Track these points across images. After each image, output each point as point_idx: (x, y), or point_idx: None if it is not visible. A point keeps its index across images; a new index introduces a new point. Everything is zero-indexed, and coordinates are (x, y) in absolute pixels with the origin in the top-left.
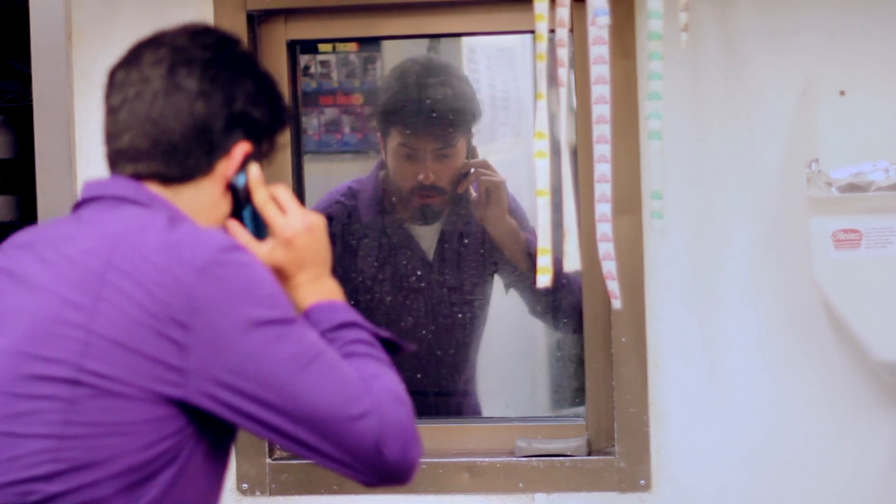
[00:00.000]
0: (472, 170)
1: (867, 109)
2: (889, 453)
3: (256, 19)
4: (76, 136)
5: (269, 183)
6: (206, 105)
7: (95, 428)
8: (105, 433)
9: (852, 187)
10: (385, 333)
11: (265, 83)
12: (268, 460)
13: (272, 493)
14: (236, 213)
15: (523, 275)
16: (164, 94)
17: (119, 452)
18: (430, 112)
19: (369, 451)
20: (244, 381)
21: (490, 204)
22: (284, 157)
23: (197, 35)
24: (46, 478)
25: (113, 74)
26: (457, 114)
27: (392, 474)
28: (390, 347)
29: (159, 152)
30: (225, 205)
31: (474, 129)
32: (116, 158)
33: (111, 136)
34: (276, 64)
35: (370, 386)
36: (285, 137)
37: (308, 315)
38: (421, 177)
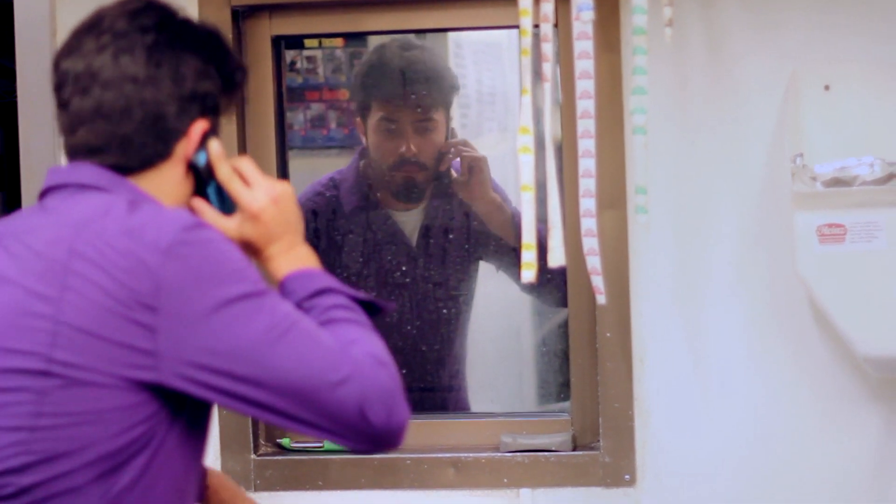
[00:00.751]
0: (454, 147)
1: (852, 104)
2: (874, 448)
3: (241, 15)
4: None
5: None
6: (155, 92)
7: (67, 418)
8: (77, 423)
9: (837, 182)
10: (363, 295)
11: (211, 50)
12: (252, 456)
13: (257, 488)
14: (200, 191)
15: (512, 255)
16: (112, 85)
17: (92, 441)
18: (409, 83)
19: (354, 417)
20: (218, 358)
21: (473, 179)
22: (269, 152)
23: (136, 15)
24: (19, 470)
25: (57, 65)
26: (435, 84)
27: (379, 438)
28: (371, 310)
29: (115, 146)
30: (188, 184)
31: (453, 101)
32: (74, 152)
33: (65, 130)
34: (261, 60)
35: (350, 351)
36: (254, 110)
37: (283, 285)
38: (403, 149)
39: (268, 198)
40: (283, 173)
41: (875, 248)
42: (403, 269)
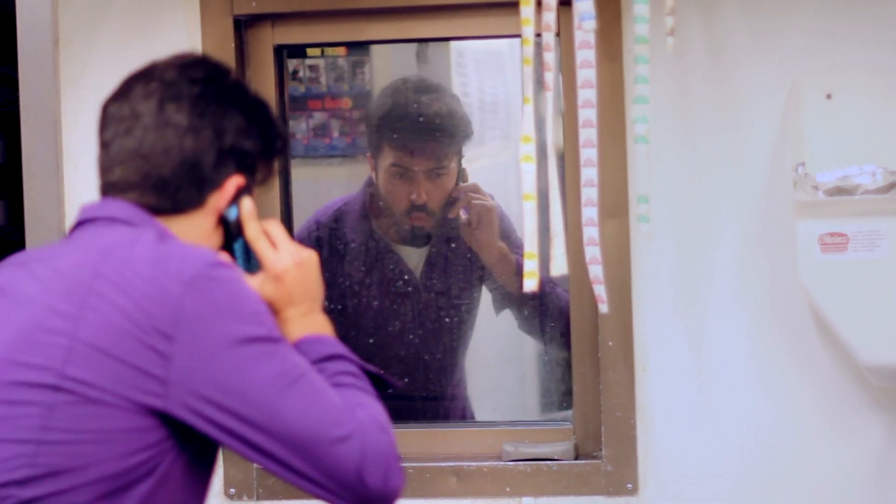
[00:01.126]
0: (464, 194)
1: (854, 113)
2: (876, 456)
3: (243, 24)
4: (63, 142)
5: (261, 214)
6: (195, 140)
7: (74, 434)
8: (83, 440)
9: (839, 191)
10: (373, 369)
11: (256, 113)
12: (255, 465)
13: (259, 497)
14: (227, 246)
15: (513, 298)
16: (154, 129)
17: (96, 460)
18: (424, 131)
19: (350, 476)
20: (226, 396)
21: (481, 228)
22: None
23: (186, 68)
24: (22, 483)
25: (105, 108)
26: (450, 132)
27: (372, 501)
28: (379, 384)
29: (149, 186)
30: (216, 237)
31: (465, 149)
32: (108, 190)
33: (103, 168)
34: (263, 69)
35: (354, 412)
36: (281, 163)
37: (296, 347)
38: (413, 196)
39: (292, 261)
40: (285, 182)
41: (877, 257)
42: (406, 293)
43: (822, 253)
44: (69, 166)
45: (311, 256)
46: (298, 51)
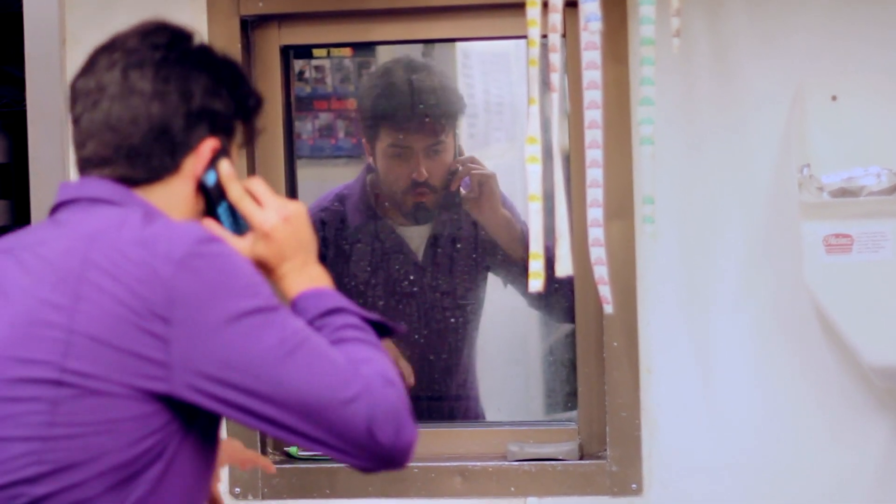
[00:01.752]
0: (462, 165)
1: (859, 114)
2: (881, 458)
3: (250, 25)
4: (70, 141)
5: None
6: (162, 105)
7: (80, 428)
8: (90, 432)
9: (844, 192)
10: (374, 316)
11: (223, 73)
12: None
13: (264, 496)
14: (211, 211)
15: (521, 271)
16: (119, 98)
17: (104, 451)
18: (418, 108)
19: (362, 435)
20: (229, 371)
21: (483, 197)
22: (277, 162)
23: (148, 35)
24: (32, 480)
25: (73, 85)
26: (444, 106)
27: (387, 457)
28: (381, 331)
29: (122, 157)
30: (198, 203)
31: (460, 122)
32: (84, 165)
33: (77, 144)
34: (270, 69)
35: (359, 369)
36: (263, 121)
37: (295, 304)
38: (415, 175)
39: (280, 217)
40: (291, 183)
41: (882, 259)
42: (411, 278)
43: (827, 254)
44: (75, 166)
45: (298, 208)
46: (304, 51)
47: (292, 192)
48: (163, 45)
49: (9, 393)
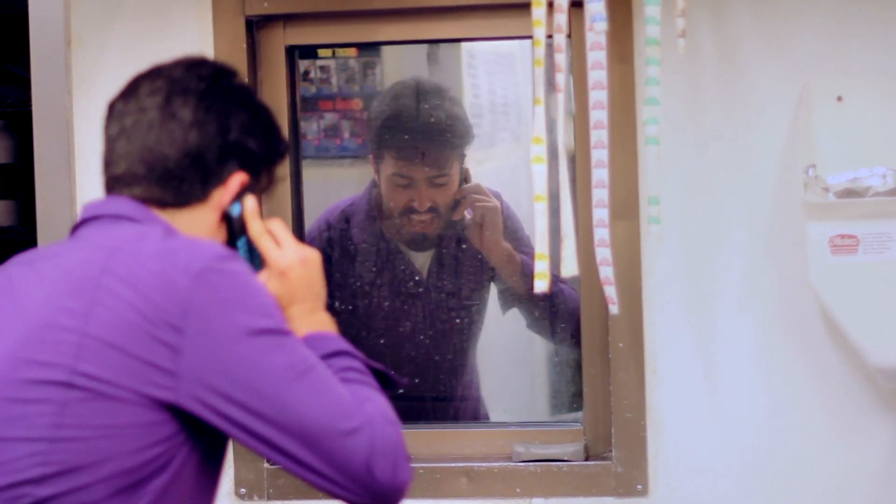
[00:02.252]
0: (467, 195)
1: (864, 115)
2: (886, 458)
3: (255, 25)
4: (75, 142)
5: (272, 214)
6: (200, 134)
7: (87, 430)
8: (96, 436)
9: (849, 193)
10: (377, 365)
11: (261, 115)
12: (265, 465)
13: (270, 497)
14: (230, 243)
15: (520, 298)
16: (160, 122)
17: (110, 455)
18: (425, 140)
19: (360, 469)
20: (236, 388)
21: (485, 229)
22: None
23: (193, 66)
24: (37, 481)
25: (112, 106)
26: (451, 139)
27: (381, 494)
28: (383, 382)
29: (154, 178)
30: (220, 234)
31: (467, 151)
32: (113, 184)
33: (108, 163)
34: (275, 69)
35: (363, 405)
36: (284, 170)
37: None
38: (416, 204)
39: (296, 258)
40: (296, 183)
41: (887, 259)
42: (413, 293)
43: (833, 255)
44: (80, 166)
45: (314, 255)
46: (310, 51)
47: (297, 193)
48: (207, 77)
49: (19, 394)
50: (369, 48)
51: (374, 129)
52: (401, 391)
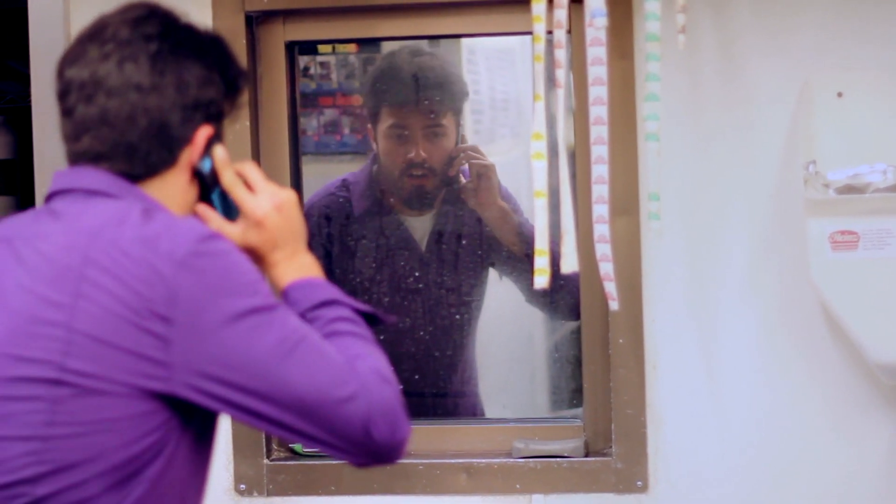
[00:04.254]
0: (462, 153)
1: (864, 111)
2: (887, 455)
3: (255, 20)
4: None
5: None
6: (159, 100)
7: (80, 427)
8: (90, 432)
9: (850, 189)
10: (364, 307)
11: (214, 55)
12: (265, 461)
13: (269, 493)
14: (205, 197)
15: (518, 263)
16: (116, 93)
17: (104, 450)
18: (420, 89)
19: (358, 433)
20: (229, 371)
21: (481, 186)
22: (282, 158)
23: (139, 24)
24: (32, 480)
25: (61, 73)
26: (446, 89)
27: (381, 454)
28: (371, 320)
29: (119, 154)
30: (193, 191)
31: (463, 109)
32: (77, 159)
33: (69, 137)
34: (275, 65)
35: (355, 367)
36: (245, 96)
37: (287, 294)
38: (412, 154)
39: (271, 204)
40: (296, 178)
41: (888, 256)
42: (416, 274)
43: (833, 251)
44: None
45: (290, 196)
46: (309, 47)
47: (297, 189)
48: (156, 35)
49: (8, 392)
50: (369, 44)
51: (368, 87)
52: (386, 326)
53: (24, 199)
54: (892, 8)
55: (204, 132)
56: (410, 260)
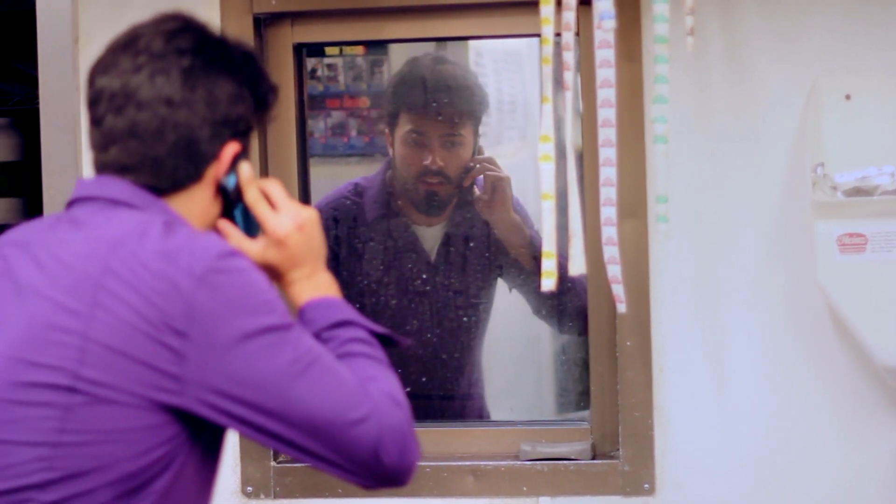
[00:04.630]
0: (479, 164)
1: (872, 113)
2: (893, 458)
3: (263, 22)
4: (82, 139)
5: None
6: (189, 115)
7: (90, 435)
8: (100, 441)
9: (857, 191)
10: (380, 329)
11: (246, 72)
12: (272, 463)
13: (276, 496)
14: (227, 213)
15: (528, 276)
16: (146, 106)
17: (114, 460)
18: (440, 96)
19: (368, 456)
20: (243, 389)
21: (495, 199)
22: (290, 160)
23: (173, 37)
24: (40, 486)
25: (92, 81)
26: (466, 99)
27: (390, 478)
28: (386, 342)
29: (146, 167)
30: (216, 206)
31: (482, 119)
32: (104, 168)
33: (97, 146)
34: (283, 67)
35: (368, 390)
36: (275, 114)
37: (303, 313)
38: (428, 161)
39: (293, 223)
40: (303, 180)
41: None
42: (424, 277)
43: (841, 253)
44: (88, 164)
45: (311, 216)
46: (317, 49)
47: (305, 191)
48: (189, 49)
49: (22, 396)
50: (377, 46)
51: (390, 92)
52: (400, 349)
53: (31, 201)
54: None
55: (231, 149)
56: (419, 269)
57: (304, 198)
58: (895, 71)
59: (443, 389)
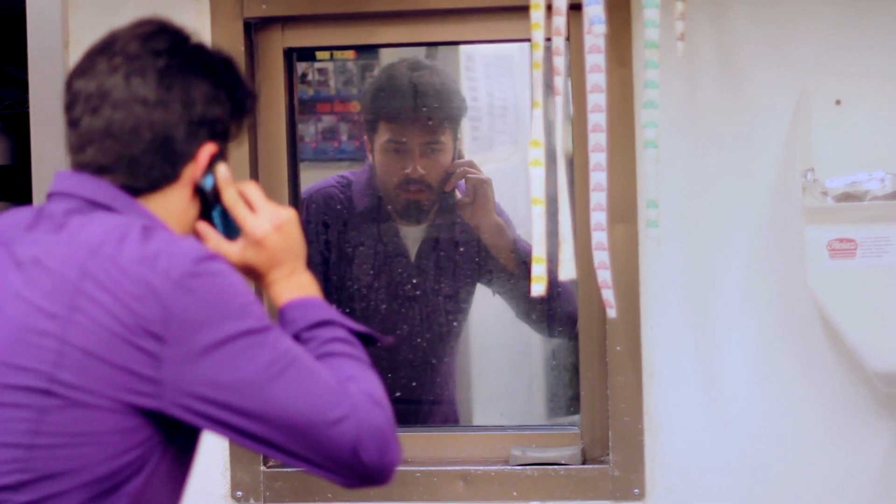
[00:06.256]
0: (459, 168)
1: (863, 119)
2: (883, 462)
3: (253, 27)
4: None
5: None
6: (164, 115)
7: (65, 438)
8: (74, 443)
9: (847, 197)
10: (361, 328)
11: (223, 75)
12: (262, 468)
13: (266, 500)
14: (205, 214)
15: (513, 280)
16: (122, 106)
17: (88, 463)
18: (418, 104)
19: (347, 455)
20: (220, 391)
21: (477, 201)
22: (280, 165)
23: (149, 39)
24: (14, 487)
25: (70, 84)
26: (444, 105)
27: (371, 476)
28: (367, 341)
29: (122, 167)
30: (194, 207)
31: (461, 124)
32: (81, 170)
33: (73, 148)
34: (273, 72)
35: (347, 389)
36: (252, 119)
37: (283, 313)
38: (408, 170)
39: (271, 224)
40: (294, 185)
41: (886, 263)
42: (404, 281)
43: (831, 259)
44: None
45: (290, 216)
46: (308, 54)
47: (294, 195)
48: (165, 51)
49: None
50: (367, 50)
51: (367, 100)
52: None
53: (21, 205)
54: (890, 16)
55: (207, 149)
56: (399, 268)
57: (294, 202)
58: (885, 76)
59: (407, 392)
